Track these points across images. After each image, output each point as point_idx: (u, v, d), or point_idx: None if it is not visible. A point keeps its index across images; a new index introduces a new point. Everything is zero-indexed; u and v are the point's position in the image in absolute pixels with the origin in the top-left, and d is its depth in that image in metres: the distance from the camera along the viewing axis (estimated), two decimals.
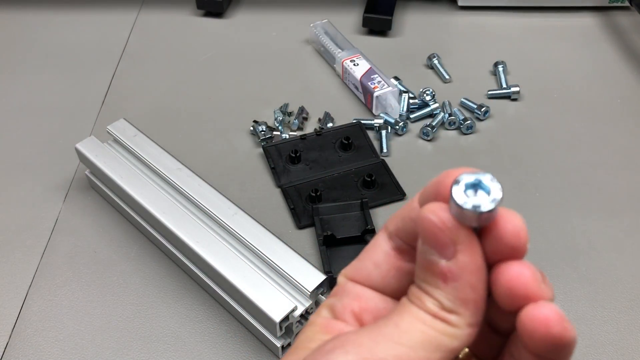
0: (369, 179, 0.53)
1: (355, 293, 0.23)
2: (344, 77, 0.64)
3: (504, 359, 0.22)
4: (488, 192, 0.19)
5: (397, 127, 0.58)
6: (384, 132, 0.57)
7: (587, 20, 0.73)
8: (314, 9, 0.76)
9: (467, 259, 0.19)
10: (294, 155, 0.55)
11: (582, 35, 0.71)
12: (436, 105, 0.60)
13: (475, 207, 0.18)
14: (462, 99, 0.62)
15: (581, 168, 0.56)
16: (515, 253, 0.20)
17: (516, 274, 0.20)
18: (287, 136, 0.58)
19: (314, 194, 0.51)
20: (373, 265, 0.23)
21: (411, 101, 0.61)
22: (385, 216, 0.51)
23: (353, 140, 0.56)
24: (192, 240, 0.43)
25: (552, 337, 0.18)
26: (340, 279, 0.24)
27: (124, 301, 0.45)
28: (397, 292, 0.23)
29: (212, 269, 0.42)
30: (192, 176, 0.48)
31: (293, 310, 0.39)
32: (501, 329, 0.22)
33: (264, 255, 0.42)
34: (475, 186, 0.19)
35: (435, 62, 0.66)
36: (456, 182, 0.19)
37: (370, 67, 0.62)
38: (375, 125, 0.59)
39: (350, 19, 0.74)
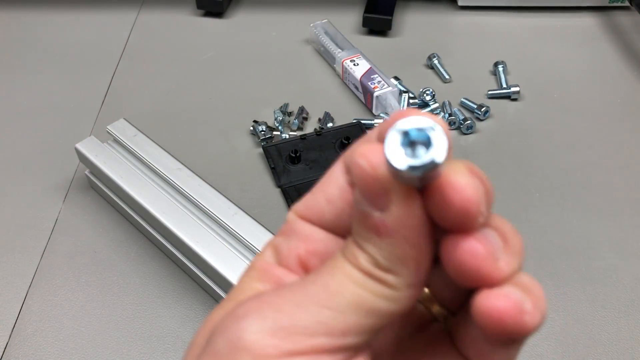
0: None
1: (304, 233, 0.20)
2: (344, 77, 0.64)
3: (432, 279, 0.19)
4: (430, 146, 0.15)
5: None
6: None
7: (587, 20, 0.73)
8: (314, 8, 0.76)
9: (402, 211, 0.16)
10: (294, 155, 0.55)
11: (582, 35, 0.71)
12: (436, 105, 0.60)
13: (411, 168, 0.15)
14: (462, 99, 0.62)
15: (581, 168, 0.56)
16: (465, 226, 0.16)
17: (467, 251, 0.16)
18: (287, 136, 0.58)
19: None
20: (326, 201, 0.20)
21: (411, 101, 0.61)
22: None
23: (353, 140, 0.56)
24: (192, 240, 0.43)
25: (508, 332, 0.16)
26: (290, 216, 0.21)
27: (123, 301, 0.45)
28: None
29: (212, 269, 0.42)
30: (192, 176, 0.47)
31: None
32: None
33: None
34: (416, 138, 0.15)
35: (435, 62, 0.66)
36: (393, 130, 0.15)
37: (370, 67, 0.62)
38: (375, 125, 0.59)
39: (350, 19, 0.74)
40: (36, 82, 0.66)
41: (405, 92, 0.61)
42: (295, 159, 0.55)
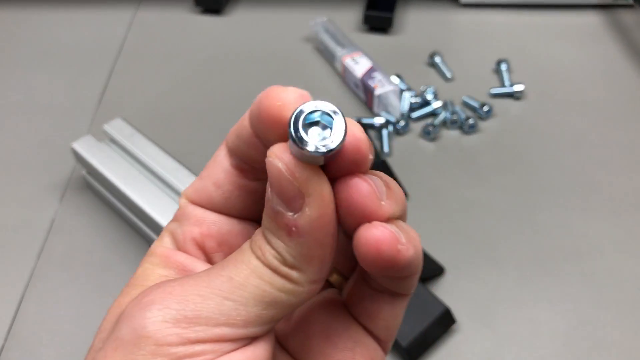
0: None
1: (197, 217, 0.21)
2: (344, 75, 0.64)
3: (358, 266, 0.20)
4: (330, 126, 0.16)
5: (399, 126, 0.57)
6: (385, 132, 0.56)
7: (591, 18, 0.73)
8: (314, 6, 0.75)
9: (315, 214, 0.17)
10: None
11: (586, 33, 0.71)
12: (438, 104, 0.59)
13: (317, 148, 0.16)
14: (464, 98, 0.61)
15: (585, 168, 0.55)
16: (356, 167, 0.17)
17: (355, 188, 0.17)
18: None
19: None
20: (214, 186, 0.20)
21: (412, 100, 0.60)
22: None
23: None
24: None
25: (384, 260, 0.17)
26: (181, 201, 0.21)
27: None
28: (244, 213, 0.21)
29: None
30: (190, 176, 0.47)
31: None
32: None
33: None
34: (316, 120, 0.16)
35: (437, 60, 0.65)
36: (295, 116, 0.16)
37: (371, 66, 0.61)
38: (376, 124, 0.58)
39: (351, 17, 0.73)
40: (32, 81, 0.65)
41: (406, 90, 0.60)
42: None
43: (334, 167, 0.17)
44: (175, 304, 0.17)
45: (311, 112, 0.17)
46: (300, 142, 0.16)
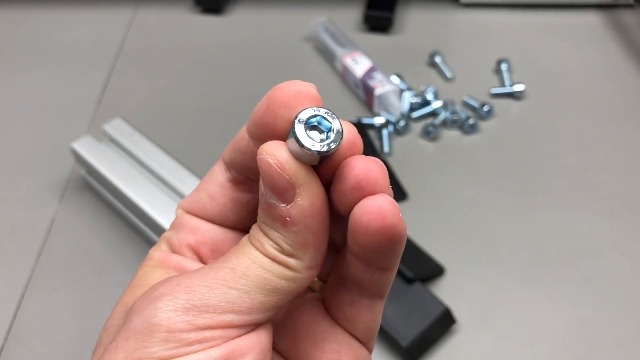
0: None
1: (191, 226, 0.22)
2: (344, 75, 0.64)
3: (336, 270, 0.21)
4: (329, 130, 0.18)
5: (399, 126, 0.57)
6: (385, 131, 0.56)
7: (591, 18, 0.73)
8: (314, 6, 0.75)
9: (306, 203, 0.18)
10: None
11: (586, 33, 0.71)
12: (438, 103, 0.59)
13: (320, 148, 0.18)
14: (465, 98, 0.61)
15: (586, 168, 0.55)
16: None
17: (367, 166, 0.19)
18: None
19: None
20: (208, 198, 0.22)
21: (413, 100, 0.60)
22: None
23: None
24: None
25: (386, 228, 0.18)
26: (178, 211, 0.23)
27: None
28: (237, 224, 0.22)
29: None
30: (190, 176, 0.47)
31: None
32: (337, 244, 0.22)
33: None
34: (315, 123, 0.18)
35: (438, 60, 0.65)
36: (298, 119, 0.18)
37: (371, 65, 0.61)
38: (376, 124, 0.58)
39: (351, 17, 0.73)
40: (31, 81, 0.65)
41: (406, 90, 0.60)
42: None
43: (324, 167, 0.19)
44: (184, 294, 0.18)
45: (312, 117, 0.18)
46: (303, 141, 0.18)
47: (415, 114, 0.59)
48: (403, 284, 0.43)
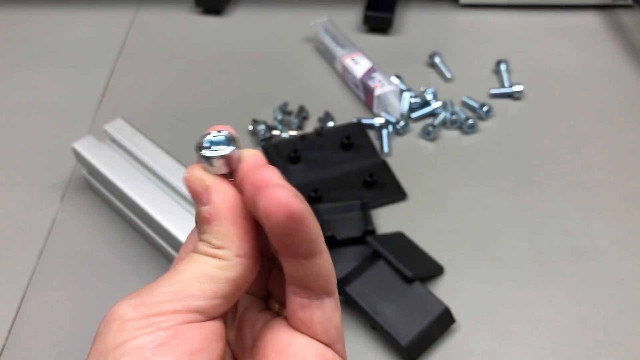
0: (370, 179, 0.52)
1: None
2: (344, 75, 0.64)
3: (285, 284, 0.24)
4: (225, 143, 0.23)
5: (398, 126, 0.58)
6: (384, 132, 0.57)
7: (590, 19, 0.73)
8: (314, 6, 0.75)
9: (219, 200, 0.22)
10: (293, 155, 0.54)
11: (585, 33, 0.71)
12: (438, 104, 0.60)
13: (210, 154, 0.23)
14: (464, 98, 0.61)
15: (585, 168, 0.55)
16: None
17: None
18: (287, 136, 0.57)
19: (314, 195, 0.50)
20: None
21: (412, 100, 0.60)
22: (386, 217, 0.51)
23: (353, 139, 0.56)
24: None
25: (285, 208, 0.20)
26: None
27: None
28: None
29: None
30: None
31: None
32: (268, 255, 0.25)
33: None
34: (214, 142, 0.23)
35: (437, 60, 0.65)
36: (201, 139, 0.23)
37: (371, 66, 0.61)
38: (376, 124, 0.58)
39: (351, 17, 0.74)
40: (33, 81, 0.65)
41: (406, 91, 0.60)
42: (295, 159, 0.54)
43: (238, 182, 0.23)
44: (137, 297, 0.21)
45: (213, 136, 0.23)
46: (203, 152, 0.23)
47: (415, 115, 0.59)
48: (403, 284, 0.43)
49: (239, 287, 0.22)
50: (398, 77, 0.63)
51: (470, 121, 0.58)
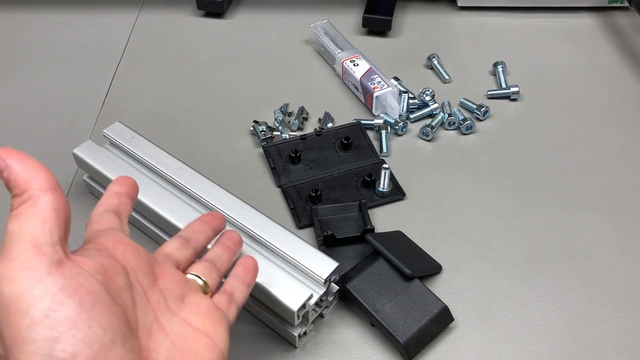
0: (369, 179, 0.53)
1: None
2: (344, 77, 0.64)
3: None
4: None
5: (397, 127, 0.58)
6: (383, 132, 0.57)
7: (586, 21, 0.74)
8: (314, 9, 0.76)
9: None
10: (294, 155, 0.55)
11: (581, 35, 0.72)
12: (436, 105, 0.60)
13: None
14: (462, 99, 0.62)
15: (580, 168, 0.56)
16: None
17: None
18: (287, 136, 0.58)
19: (314, 194, 0.51)
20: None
21: (411, 101, 0.61)
22: (384, 216, 0.51)
23: (353, 140, 0.56)
24: None
25: None
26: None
27: None
28: None
29: None
30: (195, 174, 0.47)
31: (309, 298, 0.39)
32: None
33: (274, 247, 0.42)
34: None
35: (435, 62, 0.66)
36: None
37: (370, 68, 0.62)
38: (375, 125, 0.59)
39: (350, 20, 0.74)
40: (35, 84, 0.65)
41: (405, 92, 0.61)
42: (295, 159, 0.55)
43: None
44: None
45: None
46: None
47: (414, 115, 0.60)
48: (401, 282, 0.44)
49: (58, 213, 0.28)
50: (397, 78, 0.64)
51: (468, 122, 0.58)
